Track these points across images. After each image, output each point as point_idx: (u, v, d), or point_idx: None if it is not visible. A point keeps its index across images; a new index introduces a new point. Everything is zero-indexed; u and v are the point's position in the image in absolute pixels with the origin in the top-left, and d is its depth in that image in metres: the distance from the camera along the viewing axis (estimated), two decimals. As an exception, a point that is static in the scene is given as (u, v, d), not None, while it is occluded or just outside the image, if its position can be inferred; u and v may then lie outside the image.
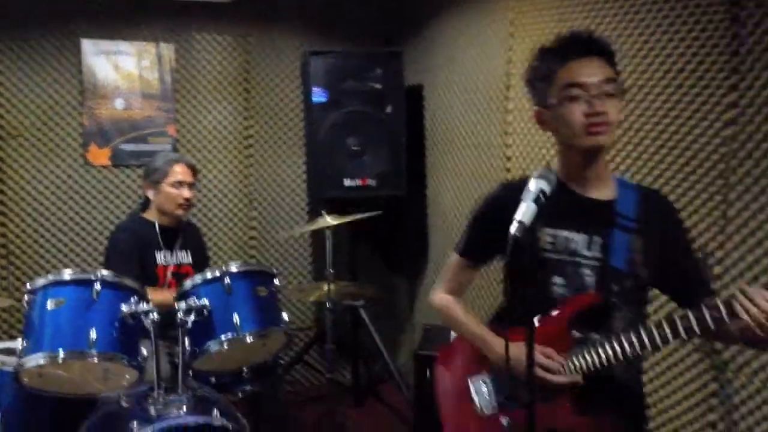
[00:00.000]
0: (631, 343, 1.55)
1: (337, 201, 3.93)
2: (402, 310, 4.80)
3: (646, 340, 1.54)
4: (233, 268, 2.54)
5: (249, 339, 2.47)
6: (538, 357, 1.64)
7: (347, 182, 4.01)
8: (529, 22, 3.20)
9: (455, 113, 3.96)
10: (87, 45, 3.96)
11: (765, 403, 2.17)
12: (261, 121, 4.42)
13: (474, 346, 1.86)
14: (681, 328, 1.49)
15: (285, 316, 2.65)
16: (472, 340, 1.86)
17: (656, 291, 1.91)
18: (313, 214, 4.44)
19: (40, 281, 2.29)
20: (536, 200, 1.37)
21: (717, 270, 2.29)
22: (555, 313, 1.66)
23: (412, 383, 3.49)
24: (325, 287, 3.20)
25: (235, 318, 2.44)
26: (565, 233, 1.68)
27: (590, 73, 1.57)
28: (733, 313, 1.43)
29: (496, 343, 1.78)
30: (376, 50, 4.38)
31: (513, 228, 1.32)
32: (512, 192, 1.72)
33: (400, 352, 4.78)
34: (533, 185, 1.40)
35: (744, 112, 2.18)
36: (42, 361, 2.19)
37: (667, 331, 1.51)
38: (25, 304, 2.29)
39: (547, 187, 1.40)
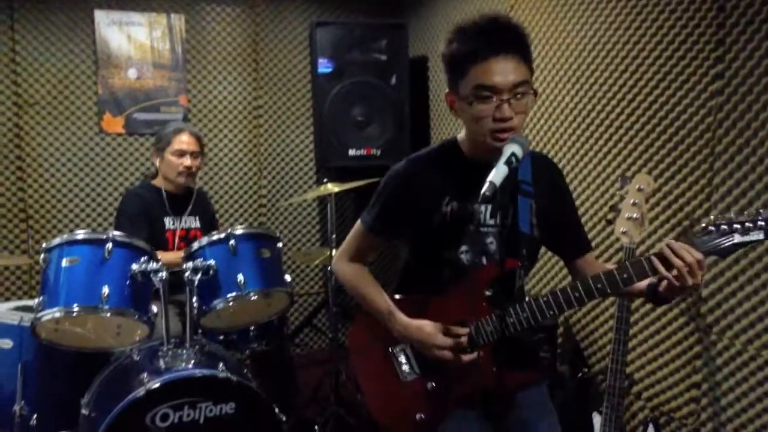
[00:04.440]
0: (549, 306, 1.60)
1: (343, 170, 4.02)
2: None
3: (562, 302, 1.58)
4: (238, 231, 2.63)
5: (253, 297, 2.58)
6: (439, 339, 1.66)
7: (352, 152, 4.09)
8: (530, -6, 3.25)
9: (459, 84, 4.01)
10: (100, 15, 4.06)
11: (745, 365, 2.27)
12: (270, 91, 4.51)
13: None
14: (594, 289, 1.55)
15: (288, 277, 2.76)
16: (377, 314, 1.81)
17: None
18: (321, 182, 4.54)
19: (56, 240, 2.40)
20: (508, 162, 1.42)
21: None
22: (470, 280, 1.70)
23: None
24: (328, 252, 3.31)
25: (240, 278, 2.54)
26: (471, 205, 1.68)
27: (503, 75, 1.52)
28: (643, 274, 1.51)
29: (401, 322, 1.74)
30: (381, 22, 4.44)
31: (484, 188, 1.37)
32: (419, 167, 1.76)
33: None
34: (506, 149, 1.46)
35: (729, 83, 2.24)
36: (57, 315, 2.32)
37: (582, 292, 1.56)
38: (41, 262, 2.41)
39: (519, 151, 1.45)
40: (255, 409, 2.35)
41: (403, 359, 1.81)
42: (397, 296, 1.84)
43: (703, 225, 1.51)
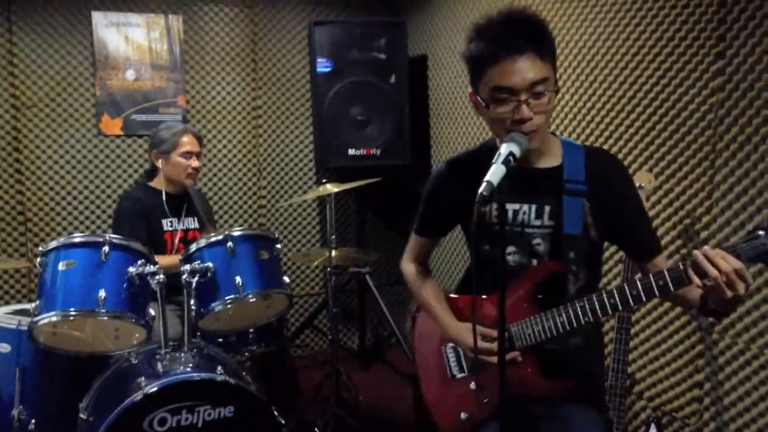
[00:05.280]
0: (584, 311, 1.57)
1: (342, 170, 4.00)
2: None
3: (597, 308, 1.56)
4: (236, 232, 2.61)
5: (251, 299, 2.56)
6: (480, 342, 1.66)
7: (351, 152, 4.06)
8: (529, -9, 3.22)
9: (459, 83, 3.99)
10: (97, 17, 4.03)
11: (748, 364, 2.25)
12: (269, 91, 4.48)
13: None
14: (629, 296, 1.51)
15: (286, 279, 2.74)
16: (429, 313, 1.91)
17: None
18: (320, 182, 4.52)
19: (52, 244, 2.38)
20: (505, 162, 1.38)
21: (703, 234, 2.34)
22: (517, 282, 1.69)
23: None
24: (328, 253, 3.28)
25: (238, 280, 2.52)
26: (513, 206, 1.68)
27: (520, 75, 1.48)
28: (680, 281, 1.44)
29: (445, 322, 1.83)
30: (380, 20, 4.41)
31: (481, 188, 1.33)
32: (457, 167, 1.80)
33: (406, 317, 4.88)
34: (504, 148, 1.42)
35: (730, 79, 2.22)
36: (54, 319, 2.30)
37: (617, 299, 1.53)
38: (38, 266, 2.38)
39: (517, 150, 1.42)
40: (254, 413, 2.33)
41: (452, 357, 1.86)
42: (451, 295, 1.91)
43: (750, 228, 1.38)
